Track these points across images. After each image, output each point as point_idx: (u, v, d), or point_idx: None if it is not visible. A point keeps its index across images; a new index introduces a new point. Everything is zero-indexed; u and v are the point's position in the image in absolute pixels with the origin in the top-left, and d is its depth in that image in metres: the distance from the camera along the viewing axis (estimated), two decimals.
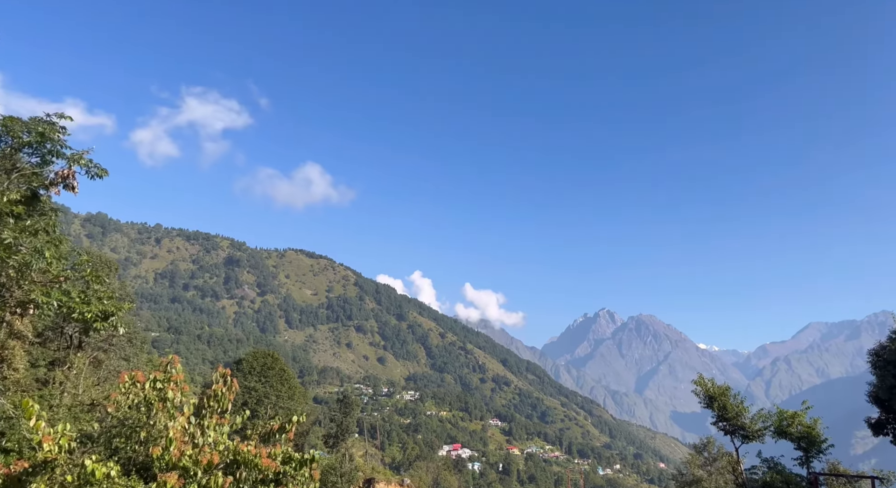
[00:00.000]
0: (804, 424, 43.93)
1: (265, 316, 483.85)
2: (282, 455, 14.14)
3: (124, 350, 56.89)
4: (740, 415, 46.55)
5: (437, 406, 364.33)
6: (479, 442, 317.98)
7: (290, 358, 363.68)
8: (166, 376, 14.32)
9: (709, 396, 47.91)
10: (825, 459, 44.26)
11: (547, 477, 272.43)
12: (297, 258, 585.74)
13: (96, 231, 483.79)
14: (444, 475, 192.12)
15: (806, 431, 43.49)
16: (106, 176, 26.55)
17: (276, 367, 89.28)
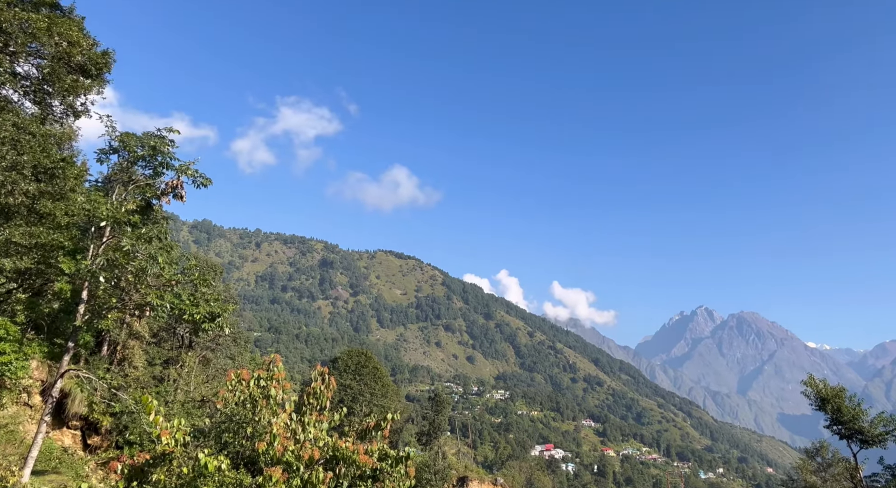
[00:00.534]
0: None
1: (358, 315, 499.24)
2: (378, 452, 14.48)
3: (230, 349, 60.50)
4: (857, 419, 43.16)
5: (527, 405, 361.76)
6: (573, 442, 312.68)
7: (383, 356, 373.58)
8: (269, 374, 15.04)
9: (821, 398, 44.77)
10: None
11: (645, 480, 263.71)
12: (386, 259, 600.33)
13: (202, 237, 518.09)
14: (537, 475, 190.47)
15: None
16: (210, 184, 28.36)
17: (369, 365, 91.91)
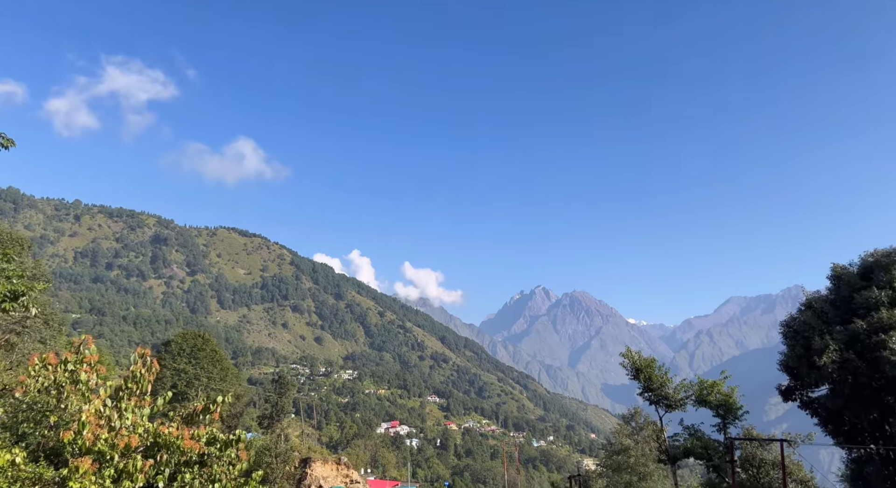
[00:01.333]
0: (722, 393, 46.59)
1: (195, 296, 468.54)
2: (206, 436, 13.75)
3: (40, 332, 53.90)
4: (664, 386, 48.87)
5: (375, 384, 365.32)
6: (418, 418, 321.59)
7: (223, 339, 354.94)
8: (78, 358, 13.59)
9: (635, 368, 50.03)
10: (741, 425, 47.17)
11: (483, 451, 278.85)
12: (229, 236, 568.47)
13: (7, 207, 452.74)
14: (381, 452, 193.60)
15: (724, 399, 46.15)
16: (12, 146, 24.71)
17: (206, 349, 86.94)
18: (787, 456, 42.30)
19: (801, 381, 37.15)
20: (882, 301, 32.48)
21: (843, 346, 33.06)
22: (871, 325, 31.95)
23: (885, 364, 30.75)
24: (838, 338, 33.36)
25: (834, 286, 37.55)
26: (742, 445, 46.04)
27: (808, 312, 36.96)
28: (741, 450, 46.49)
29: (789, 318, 38.70)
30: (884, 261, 34.75)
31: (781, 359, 38.09)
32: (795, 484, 45.09)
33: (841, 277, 37.07)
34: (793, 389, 37.76)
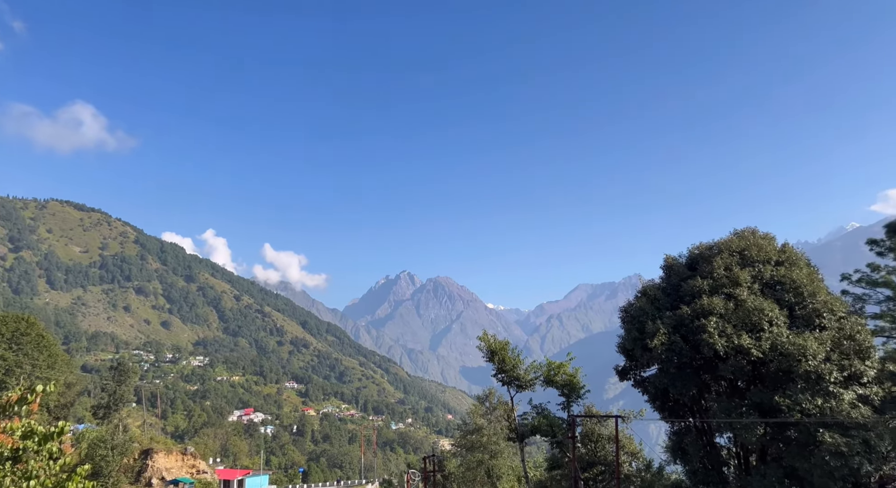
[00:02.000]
0: (568, 373, 50.02)
1: (19, 275, 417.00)
2: (22, 429, 12.29)
3: None
4: (516, 367, 51.46)
5: (229, 371, 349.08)
6: (274, 405, 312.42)
7: (53, 323, 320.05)
8: None
9: (491, 351, 52.15)
10: (583, 403, 51.00)
11: (341, 436, 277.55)
12: (62, 210, 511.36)
13: None
14: (233, 440, 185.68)
15: (569, 379, 49.59)
16: None
17: (31, 333, 77.96)
18: (620, 431, 46.36)
19: (635, 362, 40.52)
20: (704, 289, 36.42)
21: (671, 330, 36.53)
22: (695, 311, 35.71)
23: (703, 346, 34.46)
24: (667, 322, 36.86)
25: (666, 275, 41.39)
26: (583, 422, 49.82)
27: (643, 299, 40.49)
28: (582, 427, 50.29)
29: (627, 305, 42.06)
30: (706, 253, 39.01)
31: (619, 342, 41.36)
32: (627, 456, 49.76)
33: (672, 267, 41.01)
34: (628, 369, 41.23)
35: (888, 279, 33.44)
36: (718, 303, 35.12)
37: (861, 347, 33.78)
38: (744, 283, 35.68)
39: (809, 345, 32.68)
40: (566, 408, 49.80)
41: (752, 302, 34.49)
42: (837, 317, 34.55)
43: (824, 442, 30.85)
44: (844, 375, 33.47)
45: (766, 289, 36.05)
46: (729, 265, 37.00)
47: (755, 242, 37.83)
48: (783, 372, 33.79)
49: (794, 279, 35.36)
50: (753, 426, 34.24)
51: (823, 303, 34.71)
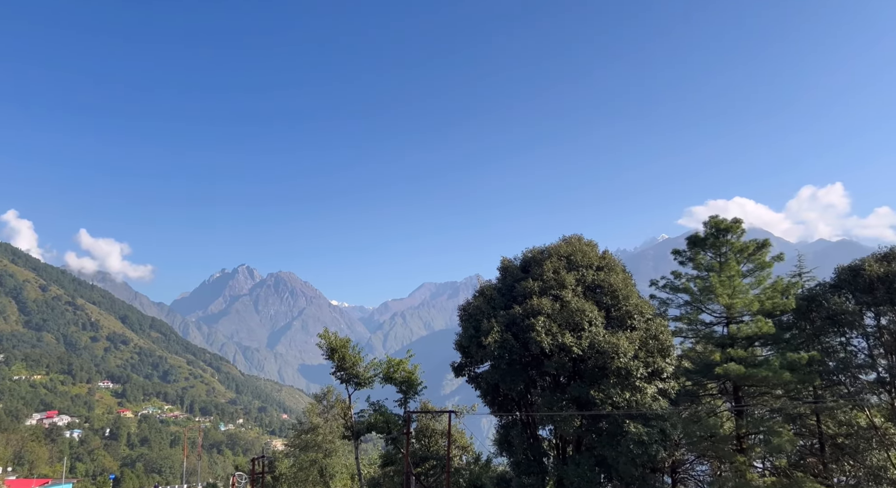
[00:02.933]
0: (407, 370, 50.80)
1: None
2: None
3: None
4: (356, 365, 51.29)
5: (29, 369, 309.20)
6: (84, 406, 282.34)
7: None
8: None
9: (331, 348, 51.47)
10: (419, 399, 52.09)
11: (162, 438, 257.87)
12: None
13: None
14: (30, 446, 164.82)
15: (407, 376, 50.37)
16: None
17: None
18: (453, 426, 47.97)
19: (470, 359, 42.21)
20: (534, 290, 38.94)
21: (504, 328, 38.59)
22: (526, 311, 38.04)
23: (532, 343, 36.82)
24: (501, 320, 38.90)
25: (502, 276, 43.68)
26: (418, 418, 50.85)
27: (480, 298, 42.39)
28: (417, 423, 51.32)
29: (466, 304, 43.72)
30: (538, 257, 41.79)
31: (457, 340, 42.85)
32: (458, 450, 51.65)
33: (507, 269, 43.37)
34: (463, 366, 42.83)
35: (687, 286, 38.06)
36: (547, 304, 37.68)
37: (663, 346, 38.12)
38: (569, 286, 38.63)
39: (622, 343, 36.21)
40: (403, 405, 50.53)
41: (576, 303, 37.46)
42: (646, 318, 38.66)
43: (629, 432, 34.35)
44: (649, 371, 37.57)
45: (588, 292, 39.35)
46: (557, 268, 39.86)
47: (580, 248, 41.16)
48: (599, 368, 37.10)
49: (611, 283, 38.98)
50: (571, 418, 37.19)
51: (635, 305, 38.65)
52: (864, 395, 35.23)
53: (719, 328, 38.41)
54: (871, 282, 34.50)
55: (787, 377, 33.27)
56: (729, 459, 34.91)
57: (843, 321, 35.38)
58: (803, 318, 36.76)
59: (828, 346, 36.29)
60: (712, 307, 37.91)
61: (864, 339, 35.51)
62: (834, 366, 35.86)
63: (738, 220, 37.94)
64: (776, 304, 36.27)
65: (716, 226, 37.96)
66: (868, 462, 34.88)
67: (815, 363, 34.31)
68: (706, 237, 38.08)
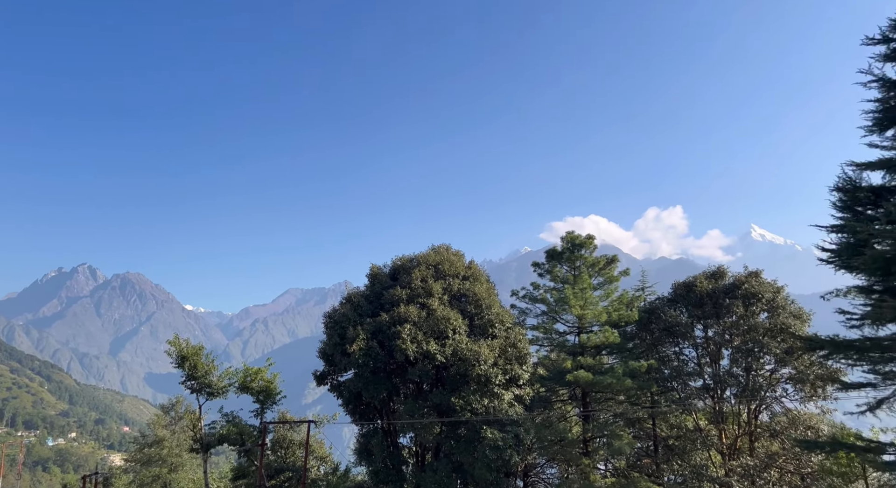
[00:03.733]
0: (265, 379, 48.75)
1: None
2: None
3: None
4: (209, 373, 48.37)
5: None
6: None
7: None
8: None
9: (181, 356, 48.15)
10: (277, 409, 50.17)
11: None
12: None
13: None
14: None
15: (266, 386, 48.35)
16: None
17: None
18: (312, 436, 46.80)
19: (334, 367, 41.49)
20: (402, 298, 39.19)
21: (370, 336, 38.40)
22: (393, 318, 38.15)
23: (397, 351, 36.96)
24: (368, 328, 38.66)
25: (371, 283, 43.48)
26: (275, 428, 49.00)
27: (347, 305, 41.84)
28: (274, 433, 49.43)
29: (332, 310, 42.95)
30: (407, 265, 42.17)
31: (321, 347, 41.93)
32: (316, 460, 50.37)
33: (376, 276, 43.29)
34: (326, 374, 41.97)
35: (544, 296, 40.15)
36: (414, 312, 38.04)
37: (521, 354, 39.89)
38: (436, 294, 39.31)
39: (483, 351, 37.40)
40: (259, 415, 48.43)
41: (442, 311, 38.18)
42: (506, 327, 40.25)
43: (486, 438, 35.51)
44: (507, 378, 39.11)
45: (454, 301, 40.29)
46: (425, 277, 40.42)
47: (448, 258, 42.10)
48: (461, 375, 38.01)
49: (476, 293, 40.22)
50: (432, 425, 37.74)
51: (497, 314, 40.12)
52: (692, 400, 39.18)
53: (572, 337, 40.75)
54: (701, 297, 38.60)
55: (628, 384, 35.99)
56: (576, 462, 37.14)
57: (677, 332, 39.25)
58: (644, 329, 40.23)
59: (664, 355, 40.01)
60: (566, 317, 40.18)
61: (693, 349, 39.61)
62: (668, 373, 39.58)
63: (591, 237, 40.65)
64: (622, 316, 39.20)
65: (571, 242, 40.40)
66: (693, 461, 38.81)
67: (652, 371, 37.57)
68: (563, 251, 40.42)
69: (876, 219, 21.47)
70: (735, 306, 36.91)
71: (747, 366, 37.11)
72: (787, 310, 36.41)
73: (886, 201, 21.21)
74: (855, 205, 22.25)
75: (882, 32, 21.58)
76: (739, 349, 37.16)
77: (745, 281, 37.80)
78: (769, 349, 36.08)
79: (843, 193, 22.31)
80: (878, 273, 20.23)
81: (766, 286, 37.43)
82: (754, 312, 37.06)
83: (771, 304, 36.75)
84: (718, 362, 38.54)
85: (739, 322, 37.10)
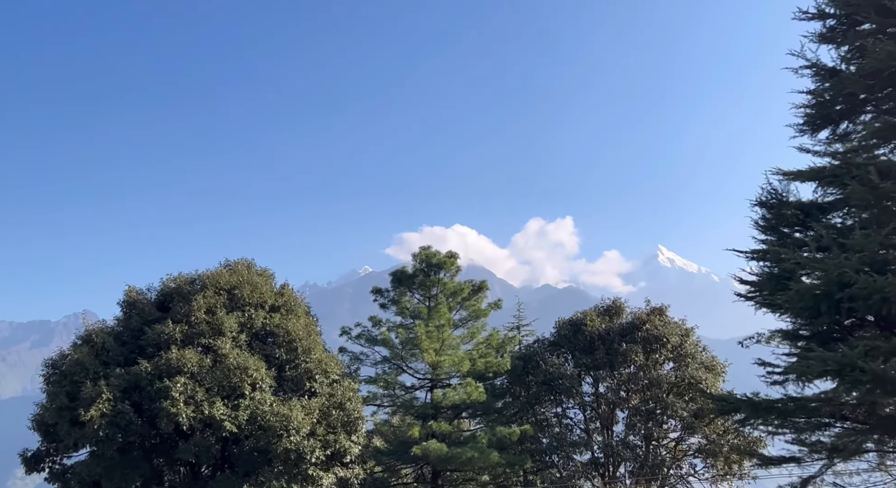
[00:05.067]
0: None
1: None
2: None
3: None
4: None
5: None
6: None
7: None
8: None
9: None
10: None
11: None
12: None
13: None
14: None
15: None
16: None
17: None
18: None
19: (58, 444, 36.39)
20: (175, 338, 34.83)
21: (120, 395, 33.93)
22: (158, 368, 33.73)
23: (163, 417, 32.67)
24: (116, 383, 34.04)
25: (126, 315, 38.58)
26: None
27: (84, 348, 36.71)
28: None
29: (59, 356, 37.76)
30: (186, 289, 37.64)
31: (37, 414, 36.50)
32: None
33: (136, 304, 38.35)
34: (44, 455, 36.53)
35: (387, 337, 38.33)
36: (193, 358, 34.20)
37: (350, 419, 37.40)
38: (229, 332, 35.75)
39: (295, 415, 34.36)
40: None
41: (236, 358, 34.65)
42: (331, 380, 37.68)
43: None
44: (328, 454, 36.44)
45: (256, 342, 36.95)
46: (213, 307, 36.62)
47: (249, 280, 38.52)
48: (260, 451, 34.86)
49: (289, 331, 37.12)
50: None
51: (318, 362, 37.34)
52: (576, 480, 39.17)
53: (422, 393, 39.64)
54: (591, 340, 38.88)
55: (495, 458, 35.27)
56: None
57: (560, 387, 39.10)
58: (519, 382, 39.82)
59: (542, 419, 39.82)
60: (416, 365, 39.09)
61: (581, 410, 39.77)
62: (547, 443, 39.34)
63: (453, 255, 39.80)
64: (490, 364, 38.56)
65: (427, 261, 39.28)
66: None
67: (527, 440, 37.13)
68: (415, 274, 39.28)
69: (805, 245, 21.69)
70: (634, 352, 37.60)
71: (647, 433, 37.96)
72: (698, 360, 37.85)
73: (817, 221, 21.55)
74: (781, 225, 22.73)
75: (817, 5, 22.21)
76: (638, 410, 37.91)
77: (647, 319, 38.89)
78: (675, 411, 36.98)
79: (766, 209, 22.66)
80: (805, 313, 20.38)
81: (672, 327, 38.71)
82: (657, 361, 38.04)
83: (678, 351, 37.97)
84: (611, 428, 39.15)
85: (639, 374, 37.91)
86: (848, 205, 20.82)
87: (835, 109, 22.27)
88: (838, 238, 19.41)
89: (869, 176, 18.83)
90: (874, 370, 17.13)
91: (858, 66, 21.22)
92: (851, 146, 22.20)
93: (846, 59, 22.02)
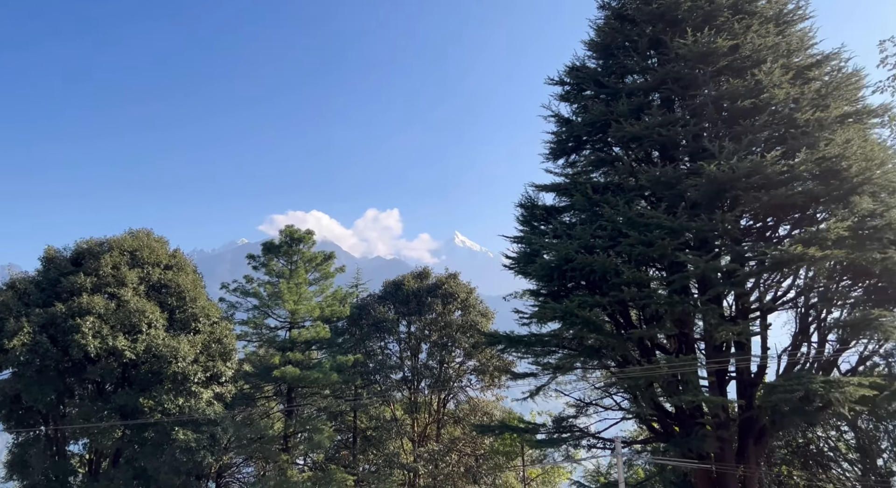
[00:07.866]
0: None
1: None
2: None
3: None
4: None
5: None
6: None
7: None
8: None
9: None
10: None
11: None
12: None
13: None
14: None
15: None
16: None
17: None
18: None
19: None
20: (86, 287, 34.09)
21: (38, 329, 32.86)
22: (70, 309, 32.98)
23: (74, 347, 32.11)
24: (35, 320, 32.94)
25: (45, 268, 37.06)
26: None
27: (8, 292, 35.02)
28: None
29: None
30: (96, 249, 36.78)
31: None
32: None
33: (53, 260, 36.96)
34: None
35: (257, 290, 38.93)
36: (99, 302, 33.54)
37: (226, 349, 37.92)
38: (130, 284, 35.23)
39: (182, 347, 34.60)
40: None
41: (136, 303, 34.34)
42: (212, 321, 37.90)
43: (177, 440, 32.88)
44: (207, 376, 36.83)
45: (152, 292, 36.55)
46: (118, 264, 35.92)
47: (148, 244, 38.00)
48: (153, 373, 34.71)
49: (179, 284, 37.03)
50: (112, 430, 33.71)
51: (202, 308, 37.52)
52: (391, 392, 41.78)
53: (283, 332, 40.33)
54: (407, 295, 41.44)
55: (335, 378, 36.87)
56: (274, 459, 36.67)
57: (384, 328, 41.51)
58: (355, 325, 41.66)
59: (371, 350, 41.93)
60: (279, 312, 39.62)
61: (398, 344, 42.30)
62: (373, 366, 41.58)
63: (310, 232, 40.71)
64: (334, 311, 40.01)
65: (290, 236, 39.96)
66: (387, 450, 41.36)
67: (358, 365, 39.08)
68: (281, 245, 39.76)
69: (546, 234, 25.39)
70: (435, 304, 40.48)
71: (441, 358, 41.04)
72: (477, 309, 41.21)
73: (554, 219, 25.20)
74: (533, 221, 26.02)
75: (559, 76, 25.74)
76: (436, 343, 40.90)
77: (445, 281, 41.77)
78: (460, 343, 40.38)
79: (524, 210, 26.04)
80: (545, 279, 23.90)
81: (461, 287, 41.83)
82: (450, 310, 41.12)
83: (464, 303, 41.19)
84: (418, 355, 41.83)
85: (438, 319, 40.78)
86: (573, 209, 24.42)
87: (568, 145, 25.77)
88: (567, 230, 23.21)
89: (587, 190, 22.64)
90: (584, 316, 20.84)
91: (583, 118, 24.83)
92: (577, 170, 25.68)
93: (576, 112, 25.59)
